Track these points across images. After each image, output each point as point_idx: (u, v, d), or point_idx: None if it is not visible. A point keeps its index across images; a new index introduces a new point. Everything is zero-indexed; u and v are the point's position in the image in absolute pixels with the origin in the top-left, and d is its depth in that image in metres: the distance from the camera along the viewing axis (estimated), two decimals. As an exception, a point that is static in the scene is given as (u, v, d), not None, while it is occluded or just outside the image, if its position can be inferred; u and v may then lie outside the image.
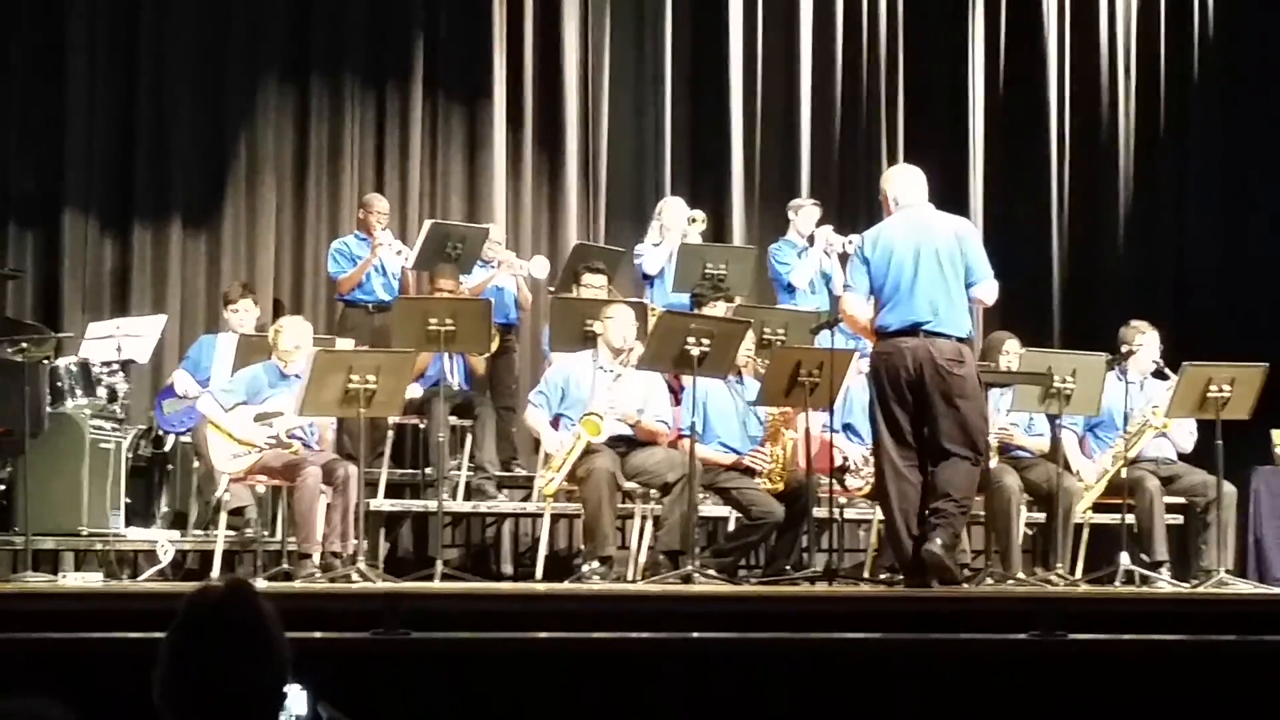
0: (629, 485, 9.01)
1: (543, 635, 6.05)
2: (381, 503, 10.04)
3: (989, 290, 8.06)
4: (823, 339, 9.05)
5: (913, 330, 7.79)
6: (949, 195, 13.35)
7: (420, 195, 12.09)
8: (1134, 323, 9.99)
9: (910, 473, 7.86)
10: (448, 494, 9.85)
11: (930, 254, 7.85)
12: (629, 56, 12.78)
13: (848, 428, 9.52)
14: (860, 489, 9.38)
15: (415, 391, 9.58)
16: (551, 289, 11.15)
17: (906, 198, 8.09)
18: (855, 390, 9.43)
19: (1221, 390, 9.17)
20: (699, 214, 11.35)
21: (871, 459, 9.22)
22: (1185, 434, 9.90)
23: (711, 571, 8.55)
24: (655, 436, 9.12)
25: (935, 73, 13.58)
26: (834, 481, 9.20)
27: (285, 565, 8.82)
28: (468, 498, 10.39)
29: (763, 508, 8.96)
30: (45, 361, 9.35)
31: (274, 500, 9.44)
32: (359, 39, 12.03)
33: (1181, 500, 9.92)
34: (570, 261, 11.15)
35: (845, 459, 9.39)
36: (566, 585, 8.78)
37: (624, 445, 9.02)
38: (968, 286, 7.93)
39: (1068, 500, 9.44)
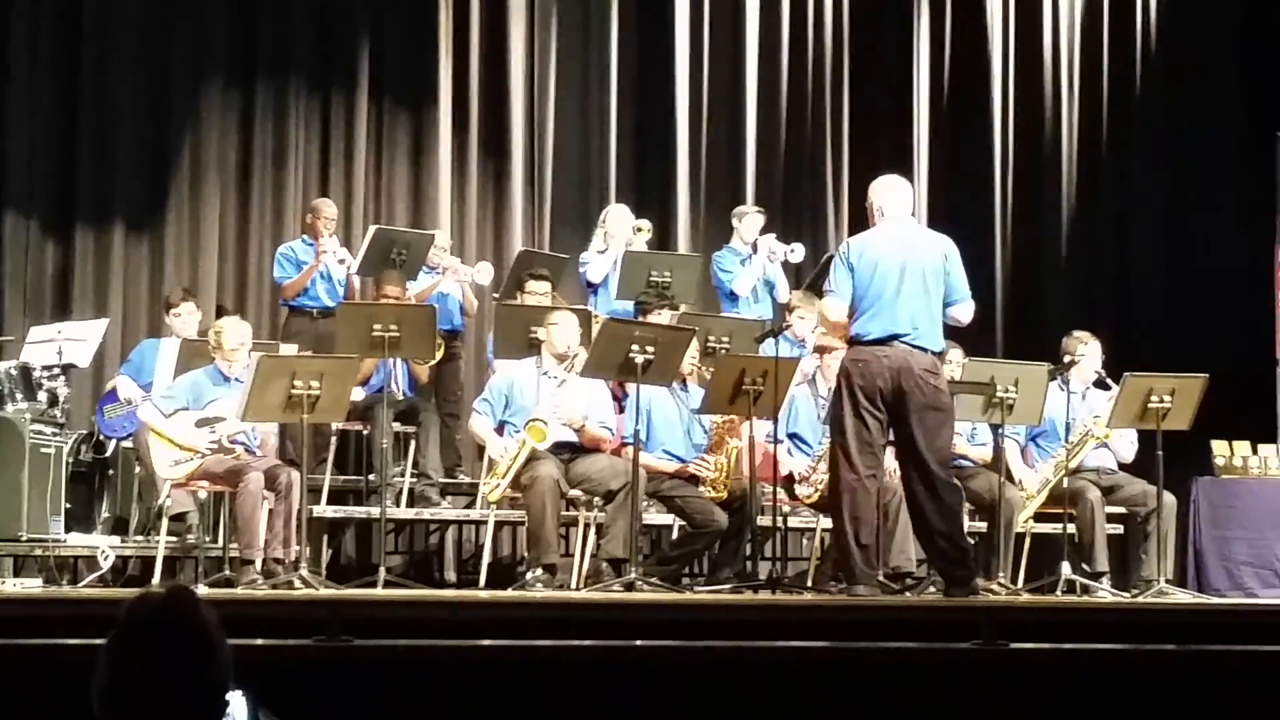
0: (573, 493, 9.01)
1: (486, 643, 6.04)
2: (324, 509, 10.00)
3: (967, 310, 8.15)
4: (767, 347, 9.07)
5: (890, 341, 7.85)
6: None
7: (365, 200, 12.06)
8: (1076, 333, 10.04)
9: (870, 482, 7.89)
10: (391, 500, 9.82)
11: (916, 270, 7.91)
12: (574, 63, 12.79)
13: (794, 437, 9.51)
14: (809, 497, 9.39)
15: (357, 395, 9.55)
16: (496, 295, 11.14)
17: (893, 209, 8.13)
18: (800, 400, 9.44)
19: (1162, 401, 9.24)
20: (645, 223, 11.35)
21: (816, 468, 9.28)
22: (1126, 444, 9.95)
23: (655, 579, 8.56)
24: (599, 443, 9.12)
25: (880, 82, 13.64)
26: (778, 490, 9.20)
27: (227, 571, 8.78)
28: (411, 504, 10.36)
29: (706, 516, 8.97)
30: (-15, 365, 9.29)
31: (216, 506, 9.40)
32: (304, 42, 11.99)
33: (1122, 510, 9.98)
34: (515, 268, 11.14)
35: (790, 471, 9.39)
36: (510, 593, 8.76)
37: (568, 452, 9.02)
38: (946, 305, 8.01)
39: (1009, 510, 9.48)
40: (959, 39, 13.75)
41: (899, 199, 8.19)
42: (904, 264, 7.90)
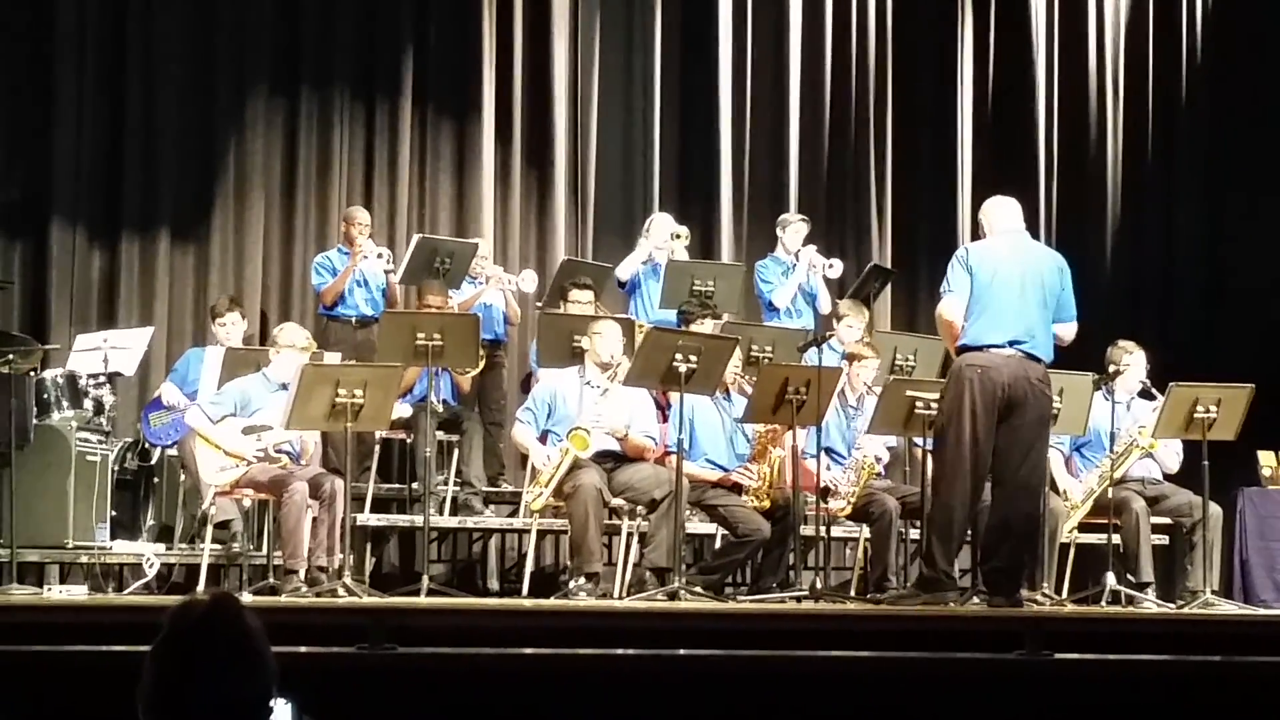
0: (616, 501, 9.00)
1: (528, 651, 6.05)
2: (368, 517, 10.02)
3: (1072, 329, 8.23)
4: (810, 356, 9.05)
5: (1007, 347, 7.90)
6: (937, 213, 13.42)
7: (409, 209, 12.07)
8: (1121, 343, 9.99)
9: (977, 491, 7.88)
10: (434, 509, 9.82)
11: (1036, 282, 8.01)
12: (618, 72, 12.80)
13: (827, 450, 9.47)
14: (842, 509, 9.37)
15: (403, 410, 9.55)
16: (539, 304, 11.15)
17: (1004, 224, 8.23)
18: (829, 411, 9.38)
19: (1208, 411, 9.19)
20: (683, 230, 11.31)
21: (847, 478, 9.28)
22: (1172, 454, 9.91)
23: (698, 589, 8.54)
24: (642, 452, 9.12)
25: (924, 91, 13.61)
26: (820, 500, 9.18)
27: (271, 579, 8.79)
28: (454, 513, 10.36)
29: (749, 525, 8.95)
30: (32, 373, 9.33)
31: (260, 514, 9.42)
32: (348, 52, 12.02)
33: (1167, 521, 9.93)
34: (558, 277, 11.15)
35: (825, 480, 9.36)
36: (553, 601, 8.77)
37: (611, 461, 9.02)
38: (1053, 321, 8.08)
39: (1054, 520, 9.44)
40: (1002, 48, 13.71)
41: (1009, 213, 8.29)
42: (1024, 273, 7.99)
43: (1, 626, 6.02)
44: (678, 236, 11.19)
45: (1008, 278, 7.95)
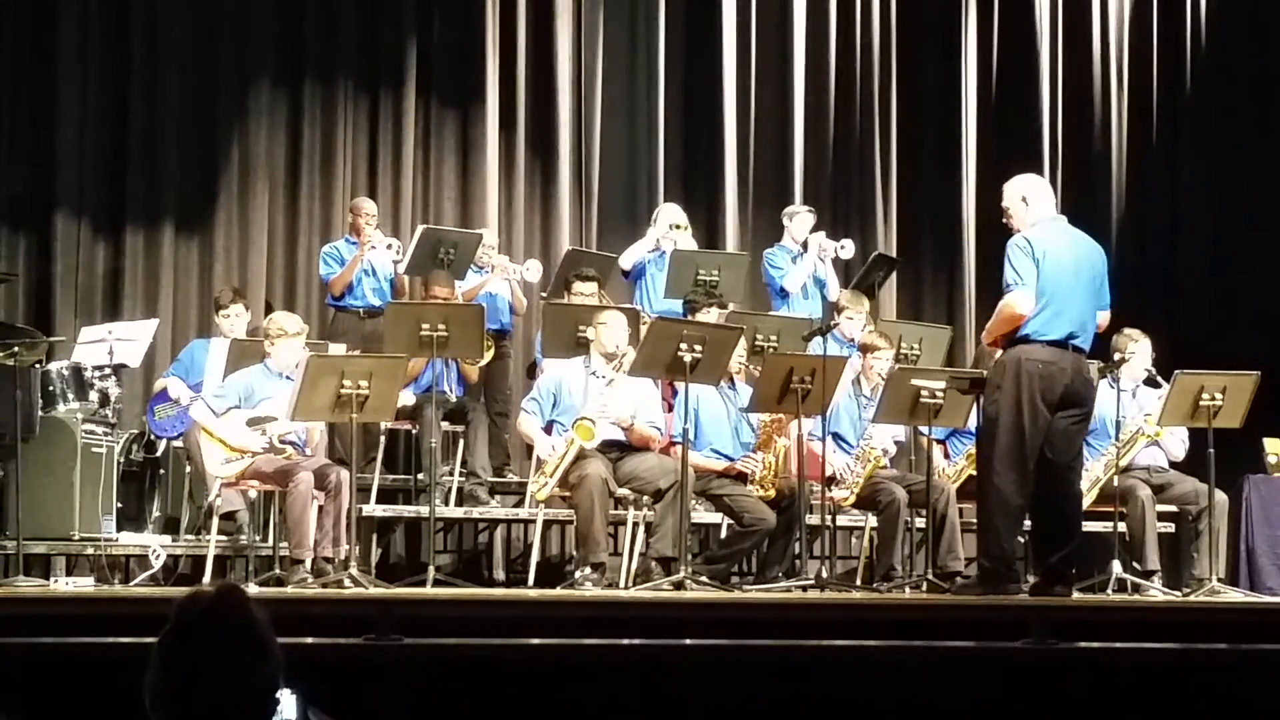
0: (621, 491, 9.00)
1: (535, 641, 6.04)
2: (374, 508, 10.02)
3: (1107, 318, 8.22)
4: (815, 345, 9.05)
5: (1065, 342, 7.81)
6: (941, 202, 13.41)
7: (413, 200, 12.07)
8: (1126, 330, 9.97)
9: (1025, 488, 7.80)
10: (440, 499, 9.84)
11: (1088, 271, 7.93)
12: (622, 60, 12.79)
13: (834, 436, 9.47)
14: (846, 499, 9.37)
15: (408, 399, 9.56)
16: (543, 294, 11.14)
17: (1049, 209, 8.07)
18: (843, 399, 9.40)
19: (1213, 399, 9.19)
20: (681, 220, 11.27)
21: (855, 468, 9.27)
22: (1177, 442, 9.91)
23: (704, 578, 8.55)
24: (648, 442, 9.12)
25: (928, 81, 13.60)
26: (826, 489, 9.18)
27: (277, 570, 8.80)
28: (460, 503, 10.37)
29: (755, 514, 8.95)
30: (37, 365, 9.34)
31: (266, 505, 9.43)
32: (352, 42, 12.02)
33: (1173, 509, 9.93)
34: (563, 267, 11.15)
35: (832, 469, 9.36)
36: (559, 591, 8.77)
37: (616, 451, 9.02)
38: None
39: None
40: (1007, 36, 13.70)
41: (1049, 197, 8.16)
42: (1078, 264, 7.89)
43: (8, 618, 6.03)
44: (676, 227, 11.15)
45: (1066, 269, 7.82)
